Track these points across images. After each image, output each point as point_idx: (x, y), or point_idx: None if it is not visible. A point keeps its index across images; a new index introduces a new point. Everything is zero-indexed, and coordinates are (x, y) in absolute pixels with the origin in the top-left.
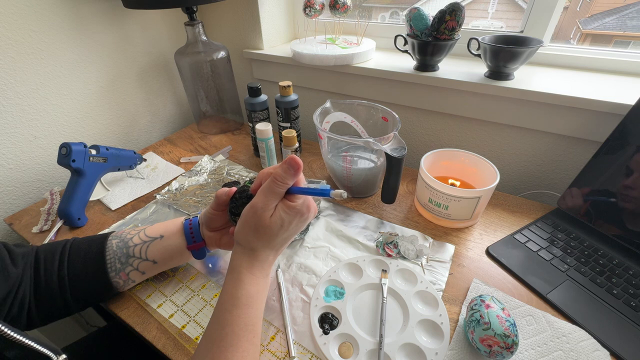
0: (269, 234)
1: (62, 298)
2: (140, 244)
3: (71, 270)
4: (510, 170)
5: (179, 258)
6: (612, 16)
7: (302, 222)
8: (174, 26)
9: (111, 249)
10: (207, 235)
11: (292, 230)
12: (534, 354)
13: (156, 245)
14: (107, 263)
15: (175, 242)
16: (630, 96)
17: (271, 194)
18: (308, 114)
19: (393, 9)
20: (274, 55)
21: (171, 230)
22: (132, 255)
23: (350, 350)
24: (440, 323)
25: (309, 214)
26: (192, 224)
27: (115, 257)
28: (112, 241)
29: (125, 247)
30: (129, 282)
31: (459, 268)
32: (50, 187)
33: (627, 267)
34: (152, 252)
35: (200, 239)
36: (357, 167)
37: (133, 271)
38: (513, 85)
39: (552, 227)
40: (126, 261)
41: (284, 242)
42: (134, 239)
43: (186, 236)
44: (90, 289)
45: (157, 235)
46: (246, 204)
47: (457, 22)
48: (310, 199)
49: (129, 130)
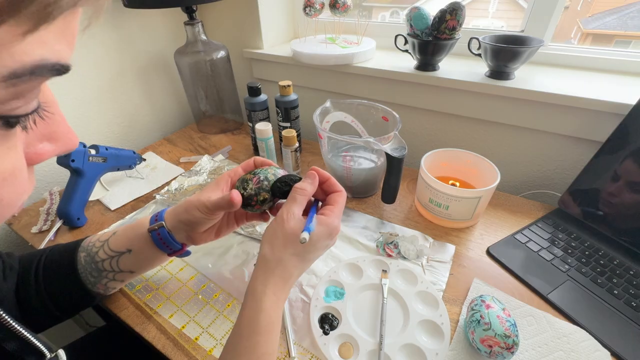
0: (295, 241)
1: (46, 310)
2: (108, 259)
3: (48, 285)
4: (510, 170)
5: (159, 263)
6: (612, 16)
7: (329, 240)
8: (174, 26)
9: (80, 264)
10: (195, 238)
11: (320, 245)
12: (534, 355)
13: (126, 259)
14: (80, 276)
15: (147, 254)
16: (631, 96)
17: (292, 200)
18: (308, 113)
19: (393, 8)
20: (274, 55)
21: (139, 242)
22: (104, 269)
23: (350, 350)
24: (441, 323)
25: (335, 234)
26: (161, 235)
27: (86, 271)
28: (80, 254)
29: (93, 262)
30: (110, 290)
31: (459, 268)
32: (50, 187)
33: (628, 267)
34: (125, 265)
35: (177, 246)
36: (357, 167)
37: (110, 282)
38: (514, 85)
39: (552, 227)
40: (98, 275)
41: (310, 254)
42: (99, 253)
43: (161, 249)
44: (72, 299)
45: (123, 250)
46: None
47: (457, 21)
48: (338, 222)
49: (129, 130)
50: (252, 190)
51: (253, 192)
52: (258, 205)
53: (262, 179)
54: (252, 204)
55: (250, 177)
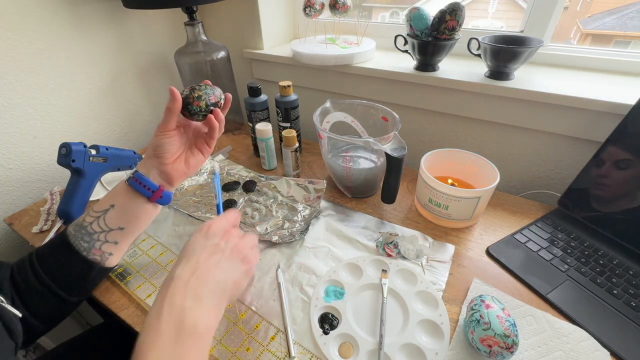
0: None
1: (52, 295)
2: (95, 219)
3: (46, 268)
4: (510, 170)
5: (145, 215)
6: (612, 16)
7: (207, 240)
8: (174, 26)
9: (71, 234)
10: (168, 171)
11: (196, 246)
12: (534, 354)
13: (112, 214)
14: (73, 246)
15: (131, 203)
16: (631, 96)
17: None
18: (308, 114)
19: (393, 8)
20: (274, 55)
21: (119, 195)
22: (93, 232)
23: (350, 350)
24: (441, 323)
25: (209, 230)
26: (137, 178)
27: (77, 239)
28: (69, 229)
29: (82, 227)
30: (107, 255)
31: (459, 268)
32: (50, 187)
33: (627, 267)
34: (112, 221)
35: (155, 186)
36: (357, 167)
37: (104, 244)
38: (513, 85)
39: (552, 227)
40: (90, 238)
41: (188, 257)
42: (86, 218)
43: (141, 192)
44: (73, 275)
45: (107, 207)
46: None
47: (457, 21)
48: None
49: (129, 130)
50: (187, 91)
51: (188, 92)
52: (196, 101)
53: (195, 85)
54: (191, 103)
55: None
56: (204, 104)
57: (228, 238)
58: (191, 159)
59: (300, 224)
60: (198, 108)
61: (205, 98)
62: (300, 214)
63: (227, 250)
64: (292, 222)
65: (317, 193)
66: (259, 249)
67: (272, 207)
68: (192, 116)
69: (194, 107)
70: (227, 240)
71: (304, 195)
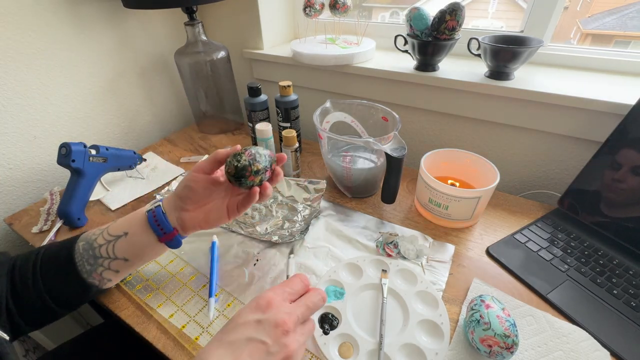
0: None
1: (44, 306)
2: (105, 244)
3: (46, 279)
4: (510, 170)
5: (152, 252)
6: (612, 16)
7: (258, 314)
8: (174, 26)
9: (78, 252)
10: (185, 218)
11: (242, 320)
12: (534, 354)
13: (122, 243)
14: (77, 266)
15: (141, 238)
16: (631, 96)
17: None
18: (308, 114)
19: (393, 8)
20: (274, 55)
21: (135, 224)
22: (100, 256)
23: (350, 350)
24: (441, 323)
25: (267, 306)
26: (155, 214)
27: (83, 259)
28: (79, 244)
29: (91, 248)
30: (105, 282)
31: (459, 268)
32: (50, 187)
33: (627, 267)
34: (120, 250)
35: (169, 228)
36: (357, 167)
37: (105, 271)
38: (513, 85)
39: (552, 227)
40: (95, 262)
41: (230, 334)
42: (98, 239)
43: (153, 229)
44: (69, 293)
45: (120, 233)
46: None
47: (457, 21)
48: (270, 293)
49: (129, 130)
50: (246, 162)
51: (247, 162)
52: (252, 176)
53: (253, 152)
54: (246, 175)
55: (242, 151)
56: (258, 180)
57: (284, 336)
58: (212, 215)
59: (300, 224)
60: (252, 182)
61: (262, 174)
62: (300, 214)
63: (275, 354)
64: (292, 222)
65: (317, 193)
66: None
67: (272, 207)
68: (240, 186)
69: (247, 180)
70: (280, 340)
71: (303, 196)
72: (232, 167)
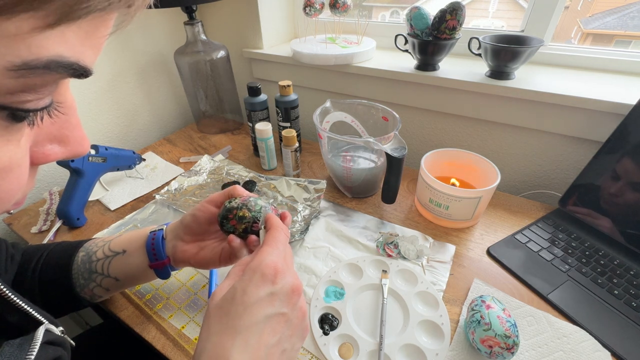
0: (219, 314)
1: (29, 319)
2: (103, 259)
3: (42, 280)
4: (511, 170)
5: (142, 276)
6: (613, 16)
7: (268, 285)
8: (174, 26)
9: (77, 264)
10: (179, 249)
11: (253, 298)
12: (534, 355)
13: (118, 261)
14: (72, 278)
15: (136, 260)
16: (632, 96)
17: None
18: (308, 113)
19: (393, 8)
20: (274, 55)
21: (135, 244)
22: (95, 271)
23: (350, 351)
24: (441, 324)
25: (277, 276)
26: (155, 237)
27: (79, 272)
28: (80, 254)
29: (89, 261)
30: (96, 297)
31: (459, 268)
32: (50, 187)
33: (628, 268)
34: (114, 269)
35: (163, 256)
36: (357, 167)
37: (96, 287)
38: (514, 85)
39: (553, 228)
40: (89, 277)
41: (241, 319)
42: (97, 253)
43: (147, 252)
44: (60, 301)
45: (120, 250)
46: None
47: (457, 21)
48: (275, 258)
49: (128, 130)
50: (236, 204)
51: (236, 205)
52: (235, 221)
53: (251, 199)
54: (229, 217)
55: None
56: (241, 228)
57: (298, 298)
58: (205, 253)
59: (300, 224)
60: (232, 228)
61: (248, 223)
62: (300, 214)
63: (294, 320)
64: (292, 222)
65: (317, 193)
66: None
67: None
68: (222, 229)
69: (228, 225)
70: (297, 304)
71: (303, 196)
72: (223, 206)
